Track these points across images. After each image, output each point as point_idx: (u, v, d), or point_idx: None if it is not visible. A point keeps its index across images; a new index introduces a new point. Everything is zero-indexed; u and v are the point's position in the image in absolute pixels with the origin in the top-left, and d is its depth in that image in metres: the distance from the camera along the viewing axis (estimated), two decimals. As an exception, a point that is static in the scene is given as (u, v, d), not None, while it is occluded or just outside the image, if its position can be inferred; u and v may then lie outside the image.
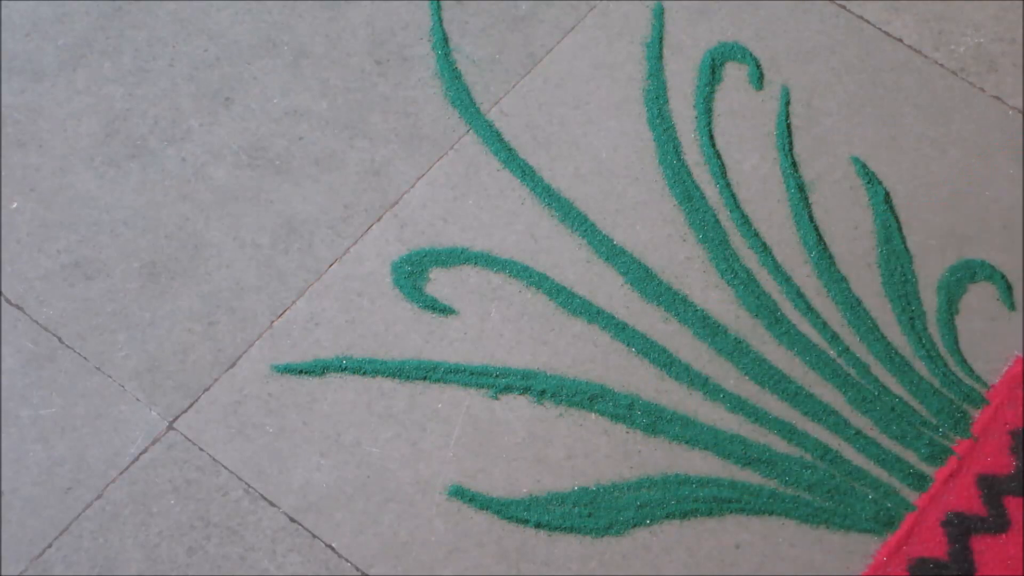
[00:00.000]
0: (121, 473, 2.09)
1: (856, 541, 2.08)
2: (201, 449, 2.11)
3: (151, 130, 2.37)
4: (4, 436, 2.11)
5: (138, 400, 2.14)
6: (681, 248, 2.30)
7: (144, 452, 2.11)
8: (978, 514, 2.09)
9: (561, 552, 2.06)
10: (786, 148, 2.39)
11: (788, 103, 2.43)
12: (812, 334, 2.23)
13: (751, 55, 2.47)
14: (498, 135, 2.38)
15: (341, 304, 2.23)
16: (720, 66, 2.46)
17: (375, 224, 2.30)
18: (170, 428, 2.13)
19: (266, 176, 2.34)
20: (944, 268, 2.29)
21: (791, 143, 2.39)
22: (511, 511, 2.08)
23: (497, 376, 2.17)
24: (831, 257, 2.29)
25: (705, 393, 2.18)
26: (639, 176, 2.36)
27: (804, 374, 2.20)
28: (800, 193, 2.34)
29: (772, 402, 2.17)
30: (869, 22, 2.51)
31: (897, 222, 2.32)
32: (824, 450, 2.14)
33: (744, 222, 2.32)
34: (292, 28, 2.47)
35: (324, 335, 2.20)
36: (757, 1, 2.53)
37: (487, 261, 2.27)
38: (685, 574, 2.05)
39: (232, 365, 2.18)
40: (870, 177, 2.36)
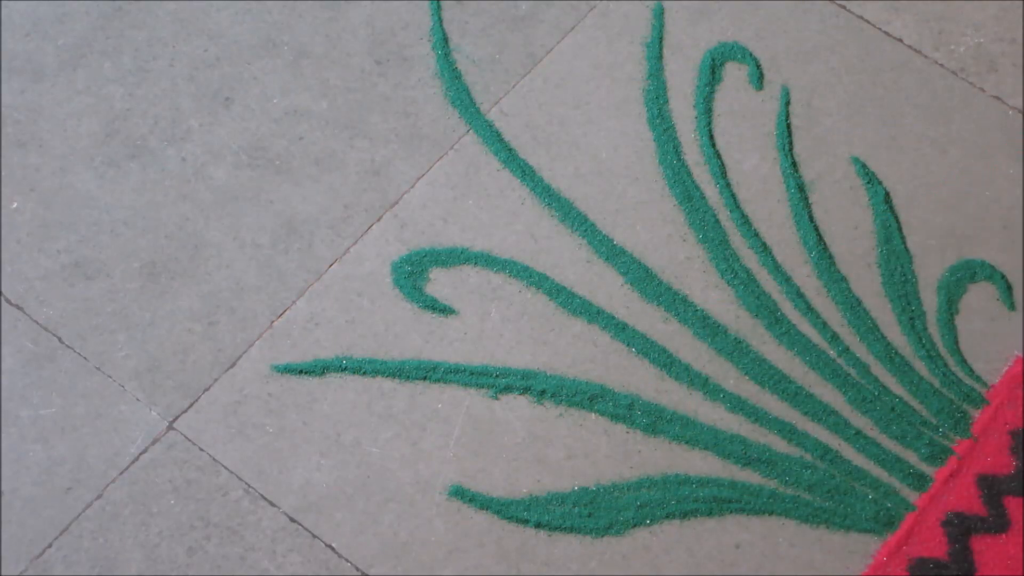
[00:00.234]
0: (121, 473, 2.09)
1: (856, 541, 2.08)
2: (201, 449, 2.11)
3: (151, 130, 2.37)
4: (4, 436, 2.11)
5: (138, 400, 2.14)
6: (681, 248, 2.30)
7: (144, 452, 2.11)
8: (978, 514, 2.09)
9: (561, 552, 2.06)
10: (786, 148, 2.38)
11: (788, 103, 2.43)
12: (812, 334, 2.23)
13: (751, 55, 2.47)
14: (498, 135, 2.38)
15: (341, 304, 2.23)
16: (720, 66, 2.46)
17: (375, 224, 2.30)
18: (170, 428, 2.13)
19: (266, 176, 2.34)
20: (944, 268, 2.29)
21: (791, 143, 2.39)
22: (511, 511, 2.08)
23: (497, 376, 2.17)
24: (831, 257, 2.29)
25: (705, 393, 2.18)
26: (639, 176, 2.36)
27: (804, 374, 2.19)
28: (800, 193, 2.34)
29: (772, 402, 2.17)
30: (869, 22, 2.51)
31: (897, 222, 2.32)
32: (824, 450, 2.14)
33: (744, 222, 2.32)
34: (292, 28, 2.47)
35: (324, 335, 2.20)
36: (757, 1, 2.53)
37: (487, 261, 2.27)
38: (685, 574, 2.05)
39: (232, 365, 2.18)
40: (870, 177, 2.36)
